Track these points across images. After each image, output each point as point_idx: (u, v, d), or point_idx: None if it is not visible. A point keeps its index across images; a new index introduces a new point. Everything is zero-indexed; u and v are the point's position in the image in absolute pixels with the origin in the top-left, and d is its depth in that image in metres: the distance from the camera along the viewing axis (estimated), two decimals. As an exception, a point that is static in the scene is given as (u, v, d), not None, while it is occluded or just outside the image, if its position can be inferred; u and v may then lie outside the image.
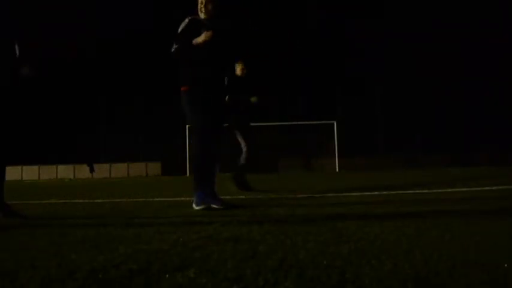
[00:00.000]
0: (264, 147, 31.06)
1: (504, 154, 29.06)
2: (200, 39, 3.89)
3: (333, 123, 29.46)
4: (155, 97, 34.94)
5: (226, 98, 6.08)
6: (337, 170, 28.05)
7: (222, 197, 4.46)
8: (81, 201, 6.29)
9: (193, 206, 4.26)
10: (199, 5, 4.26)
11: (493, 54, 35.00)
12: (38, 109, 37.09)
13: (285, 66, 36.49)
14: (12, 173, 32.68)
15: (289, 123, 29.75)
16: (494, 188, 6.34)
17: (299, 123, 30.54)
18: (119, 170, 31.96)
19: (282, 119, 29.62)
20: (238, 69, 7.39)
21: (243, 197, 5.87)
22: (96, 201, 6.18)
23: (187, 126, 29.44)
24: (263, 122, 28.63)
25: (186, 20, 4.24)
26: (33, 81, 3.29)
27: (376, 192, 6.05)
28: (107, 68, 37.16)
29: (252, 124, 7.38)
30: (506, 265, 1.66)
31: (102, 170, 31.90)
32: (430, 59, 36.79)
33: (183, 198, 6.02)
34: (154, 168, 32.47)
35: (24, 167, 33.35)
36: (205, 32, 3.90)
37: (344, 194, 6.06)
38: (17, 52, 3.37)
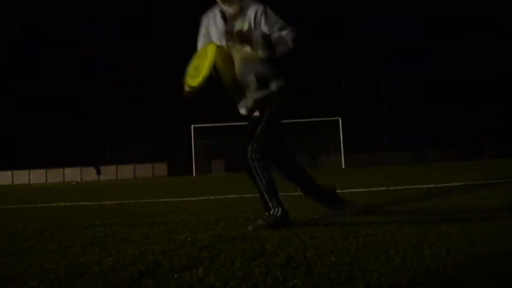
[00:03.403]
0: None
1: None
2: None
3: (338, 120, 29.36)
4: (160, 97, 34.89)
5: None
6: (343, 166, 27.94)
7: (230, 196, 4.46)
8: (89, 203, 6.33)
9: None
10: None
11: (500, 43, 34.71)
12: (44, 113, 37.30)
13: (287, 63, 36.35)
14: (20, 176, 32.91)
15: (294, 120, 29.68)
16: (502, 181, 6.30)
17: (304, 120, 30.47)
18: (125, 171, 32.04)
19: (287, 117, 29.56)
20: None
21: (250, 195, 5.87)
22: (103, 203, 6.21)
23: (192, 126, 29.49)
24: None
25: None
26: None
27: (383, 188, 6.03)
28: (112, 69, 37.27)
29: None
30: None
31: (109, 172, 32.00)
32: (435, 50, 36.58)
33: (189, 199, 6.04)
34: (161, 169, 32.47)
35: (32, 171, 33.54)
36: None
37: (351, 190, 6.05)
38: None
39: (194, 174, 28.45)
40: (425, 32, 37.40)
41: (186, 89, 2.89)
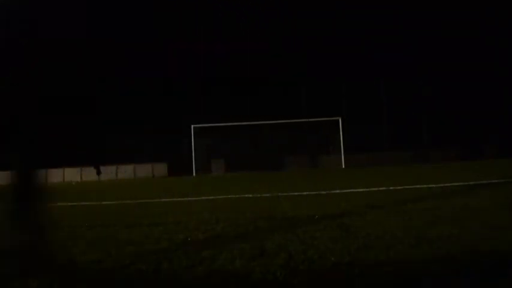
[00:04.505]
0: (269, 145, 31.02)
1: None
2: None
3: (338, 120, 29.37)
4: (161, 97, 34.93)
5: None
6: (343, 166, 27.95)
7: (230, 196, 4.45)
8: (89, 203, 6.32)
9: None
10: None
11: (500, 43, 34.70)
12: (44, 113, 37.27)
13: (287, 62, 36.37)
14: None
15: (294, 120, 29.71)
16: (502, 180, 6.30)
17: (304, 120, 30.48)
18: (125, 171, 32.06)
19: (287, 117, 29.59)
20: None
21: (250, 195, 5.87)
22: (103, 203, 6.21)
23: (192, 126, 29.51)
24: (268, 120, 28.59)
25: None
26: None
27: (383, 188, 6.03)
28: (111, 69, 37.30)
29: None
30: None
31: (109, 172, 32.01)
32: (433, 50, 36.57)
33: (189, 199, 6.03)
34: (161, 169, 32.51)
35: (32, 171, 33.49)
36: None
37: (350, 190, 6.05)
38: None
39: (194, 174, 28.44)
40: (426, 32, 37.39)
41: None
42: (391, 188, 6.04)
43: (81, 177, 32.66)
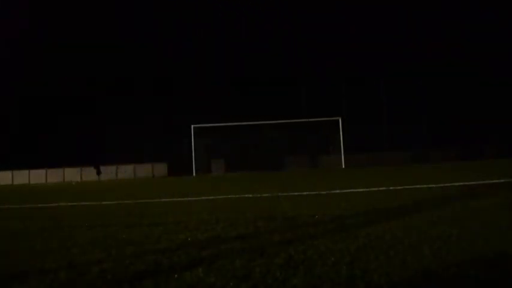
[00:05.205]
0: (269, 145, 31.01)
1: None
2: None
3: (338, 120, 29.37)
4: (161, 97, 34.95)
5: None
6: (343, 166, 27.93)
7: (230, 196, 4.44)
8: (89, 203, 6.32)
9: None
10: None
11: (500, 42, 34.67)
12: (44, 113, 37.31)
13: (287, 62, 36.35)
14: (20, 176, 32.92)
15: (294, 120, 29.68)
16: (502, 180, 6.30)
17: (304, 120, 30.47)
18: (125, 171, 32.03)
19: (287, 117, 29.58)
20: None
21: (250, 195, 5.87)
22: (103, 203, 6.20)
23: (192, 126, 29.52)
24: (268, 120, 28.57)
25: None
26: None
27: (383, 188, 6.03)
28: (111, 69, 37.28)
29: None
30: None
31: (109, 172, 31.99)
32: (434, 50, 36.56)
33: (189, 198, 6.03)
34: (161, 169, 32.48)
35: (32, 171, 33.54)
36: None
37: (350, 190, 6.05)
38: None
39: (194, 174, 28.43)
40: (426, 32, 37.39)
41: None
42: (391, 188, 6.03)
43: (81, 177, 32.64)
